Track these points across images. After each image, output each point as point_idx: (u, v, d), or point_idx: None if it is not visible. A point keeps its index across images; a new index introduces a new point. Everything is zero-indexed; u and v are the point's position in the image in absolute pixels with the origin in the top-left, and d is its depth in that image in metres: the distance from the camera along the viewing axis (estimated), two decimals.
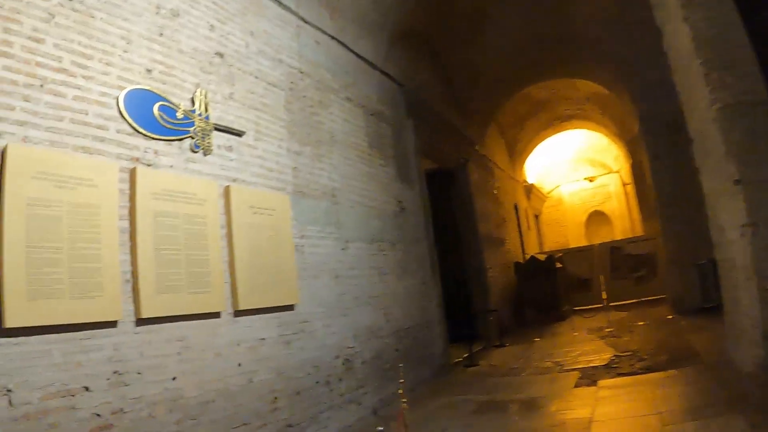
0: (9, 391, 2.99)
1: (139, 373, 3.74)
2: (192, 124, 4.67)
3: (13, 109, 3.30)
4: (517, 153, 19.17)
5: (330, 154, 6.66)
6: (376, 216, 7.54)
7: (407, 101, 9.22)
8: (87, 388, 3.39)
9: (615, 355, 8.23)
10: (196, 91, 4.77)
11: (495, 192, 14.80)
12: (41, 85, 3.48)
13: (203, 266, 4.46)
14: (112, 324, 3.68)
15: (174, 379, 3.98)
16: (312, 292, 5.78)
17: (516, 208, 17.99)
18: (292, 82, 6.14)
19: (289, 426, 4.96)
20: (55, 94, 3.57)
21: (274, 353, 5.07)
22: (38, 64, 3.50)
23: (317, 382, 5.52)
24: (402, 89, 9.08)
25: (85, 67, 3.80)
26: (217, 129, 4.92)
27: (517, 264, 15.57)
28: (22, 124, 3.34)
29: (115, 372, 3.59)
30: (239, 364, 4.62)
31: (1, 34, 3.31)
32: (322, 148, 6.52)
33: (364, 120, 7.64)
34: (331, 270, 6.22)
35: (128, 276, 3.90)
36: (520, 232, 17.82)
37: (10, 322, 3.08)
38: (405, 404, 4.24)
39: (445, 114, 11.16)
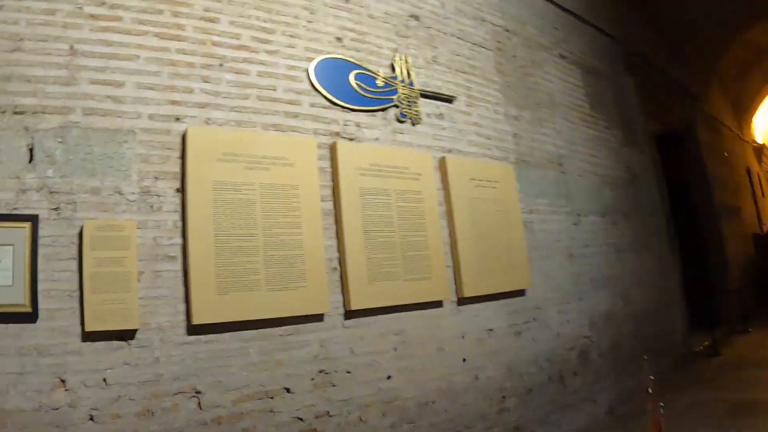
0: (198, 392, 2.72)
1: (348, 372, 3.29)
2: (395, 91, 4.04)
3: (191, 91, 3.09)
4: (742, 109, 16.22)
5: (551, 118, 5.69)
6: (606, 185, 6.36)
7: (623, 56, 7.90)
8: (288, 390, 3.03)
9: None
10: (394, 57, 4.19)
11: (726, 155, 12.53)
12: (221, 65, 3.24)
13: (421, 249, 3.79)
14: (318, 318, 3.25)
15: (389, 378, 3.47)
16: (544, 275, 4.93)
17: (748, 172, 15.25)
18: (498, 42, 5.29)
19: (517, 429, 4.20)
20: (237, 72, 3.29)
21: (504, 346, 4.31)
22: (215, 43, 3.26)
23: (550, 378, 4.65)
24: (615, 43, 7.76)
25: (267, 42, 3.49)
26: (423, 96, 4.27)
27: (756, 236, 13.17)
28: (203, 106, 3.11)
29: (320, 371, 3.18)
30: (464, 360, 3.96)
31: (170, 18, 3.11)
32: (542, 112, 5.56)
33: (582, 78, 6.50)
34: (563, 248, 5.28)
35: (335, 263, 3.42)
36: (754, 199, 15.10)
37: (198, 318, 2.76)
38: (662, 408, 3.48)
39: (663, 69, 9.44)
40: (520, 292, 4.56)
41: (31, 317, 2.42)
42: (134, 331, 2.60)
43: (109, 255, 2.62)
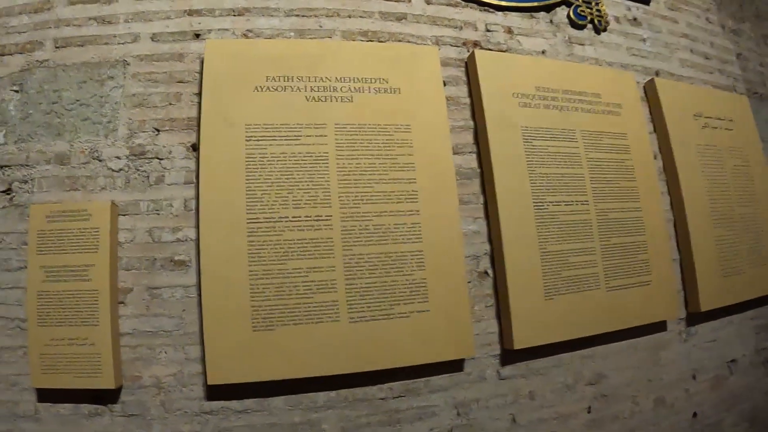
0: None
1: None
2: None
3: None
4: None
5: None
6: None
7: None
8: None
9: None
10: None
11: None
12: None
13: (631, 231, 2.00)
14: (453, 365, 1.72)
15: None
16: None
17: None
18: None
19: None
20: None
21: (748, 384, 2.41)
22: None
23: None
24: None
25: None
26: None
27: None
28: (240, 12, 1.80)
29: None
30: (695, 415, 2.15)
31: None
32: (765, 27, 3.42)
33: None
34: None
35: (484, 264, 1.85)
36: None
37: (221, 374, 1.50)
38: None
39: None
40: None
41: None
42: (117, 390, 1.48)
43: (66, 262, 1.41)
